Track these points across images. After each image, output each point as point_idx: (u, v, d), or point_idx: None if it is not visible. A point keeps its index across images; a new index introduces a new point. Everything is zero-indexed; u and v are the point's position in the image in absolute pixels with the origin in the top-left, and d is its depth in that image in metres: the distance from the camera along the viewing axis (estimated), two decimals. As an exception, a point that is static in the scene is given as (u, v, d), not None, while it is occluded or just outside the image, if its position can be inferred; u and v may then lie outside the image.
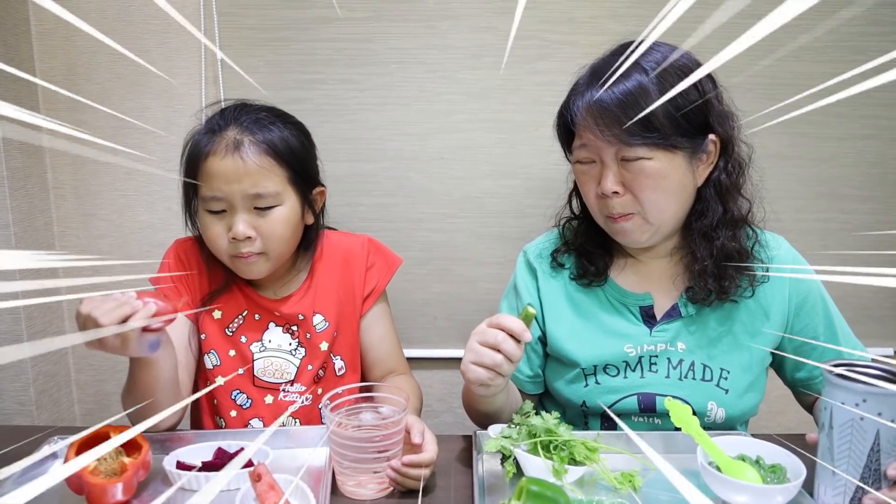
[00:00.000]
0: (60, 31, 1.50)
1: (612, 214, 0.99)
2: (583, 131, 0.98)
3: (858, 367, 0.78)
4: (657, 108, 0.92)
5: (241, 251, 1.07)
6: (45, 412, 1.59)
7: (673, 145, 0.94)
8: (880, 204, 1.60)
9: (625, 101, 0.92)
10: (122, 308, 0.86)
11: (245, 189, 1.04)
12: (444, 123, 1.54)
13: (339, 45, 1.50)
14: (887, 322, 1.67)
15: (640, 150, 0.93)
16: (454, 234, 1.60)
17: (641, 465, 0.91)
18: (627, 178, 0.96)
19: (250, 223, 1.06)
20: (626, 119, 0.91)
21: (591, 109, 0.95)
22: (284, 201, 1.08)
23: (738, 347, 1.04)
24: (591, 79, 0.98)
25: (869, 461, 0.74)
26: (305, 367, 1.18)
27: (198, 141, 1.08)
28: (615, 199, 0.97)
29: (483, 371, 0.87)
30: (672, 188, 0.96)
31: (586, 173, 1.01)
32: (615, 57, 0.98)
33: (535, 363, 1.14)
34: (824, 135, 1.57)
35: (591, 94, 0.95)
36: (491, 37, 1.50)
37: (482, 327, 0.88)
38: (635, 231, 1.00)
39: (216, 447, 0.93)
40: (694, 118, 0.95)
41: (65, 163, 1.58)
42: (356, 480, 0.87)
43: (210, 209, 1.07)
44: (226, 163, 1.04)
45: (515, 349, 0.86)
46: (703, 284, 1.01)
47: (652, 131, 0.92)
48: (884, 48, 1.51)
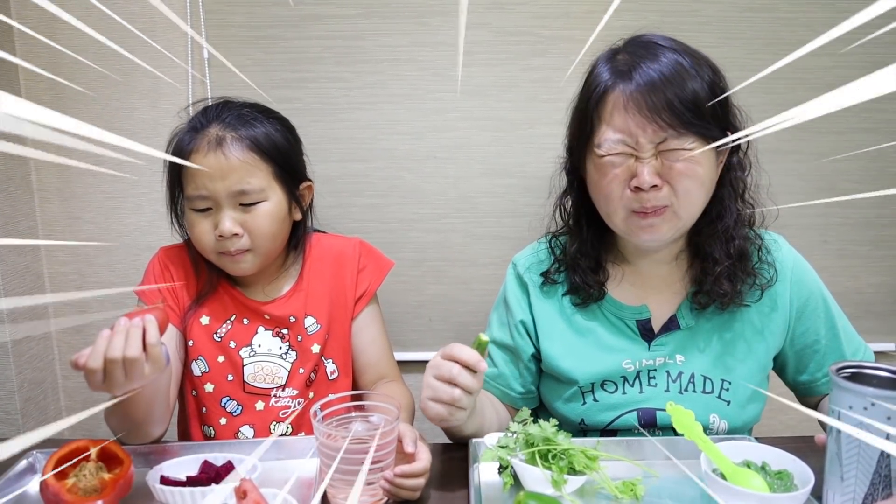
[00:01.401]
0: (43, 30, 1.47)
1: (643, 209, 0.92)
2: (619, 119, 0.90)
3: (865, 370, 0.76)
4: (703, 93, 0.87)
5: (227, 248, 1.06)
6: (31, 420, 1.56)
7: (713, 136, 0.89)
8: (880, 198, 1.58)
9: (673, 80, 0.87)
10: (133, 334, 0.82)
11: (229, 186, 1.03)
12: (437, 122, 1.51)
13: (328, 42, 1.47)
14: (888, 317, 1.66)
15: (687, 140, 0.88)
16: (448, 235, 1.57)
17: (644, 472, 0.88)
18: (666, 168, 0.90)
19: (236, 220, 1.05)
20: (679, 103, 0.86)
21: (637, 92, 0.88)
22: (270, 197, 1.08)
23: (739, 357, 1.02)
24: (625, 62, 0.91)
25: (879, 466, 0.71)
26: (297, 370, 1.15)
27: (181, 139, 1.07)
28: (652, 192, 0.90)
29: (441, 407, 0.84)
30: (706, 182, 0.93)
31: (616, 167, 0.92)
32: (637, 46, 0.94)
33: (527, 380, 1.11)
34: (824, 129, 1.55)
35: (636, 74, 0.88)
36: (484, 33, 1.47)
37: (437, 360, 0.86)
38: (664, 226, 0.93)
39: (202, 460, 0.90)
40: (721, 112, 0.92)
41: (49, 165, 1.54)
42: (347, 493, 0.84)
43: (195, 207, 1.06)
44: (209, 160, 1.03)
45: (472, 381, 0.83)
46: (718, 287, 0.98)
47: (700, 117, 0.88)
48: (883, 39, 1.49)
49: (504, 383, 1.11)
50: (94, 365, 0.81)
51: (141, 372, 0.83)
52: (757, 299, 1.01)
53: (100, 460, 0.83)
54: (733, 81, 1.47)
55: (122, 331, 0.82)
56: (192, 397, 1.16)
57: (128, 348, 0.81)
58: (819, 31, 1.28)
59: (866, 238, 1.61)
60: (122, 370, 0.81)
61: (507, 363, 1.11)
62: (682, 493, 0.85)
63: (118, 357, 0.80)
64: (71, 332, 1.63)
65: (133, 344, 0.81)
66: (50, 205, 1.57)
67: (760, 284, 1.00)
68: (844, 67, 1.51)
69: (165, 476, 0.87)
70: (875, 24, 1.25)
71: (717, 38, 1.50)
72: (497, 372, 1.11)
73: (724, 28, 1.49)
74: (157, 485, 0.84)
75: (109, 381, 0.82)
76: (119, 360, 0.81)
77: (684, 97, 0.87)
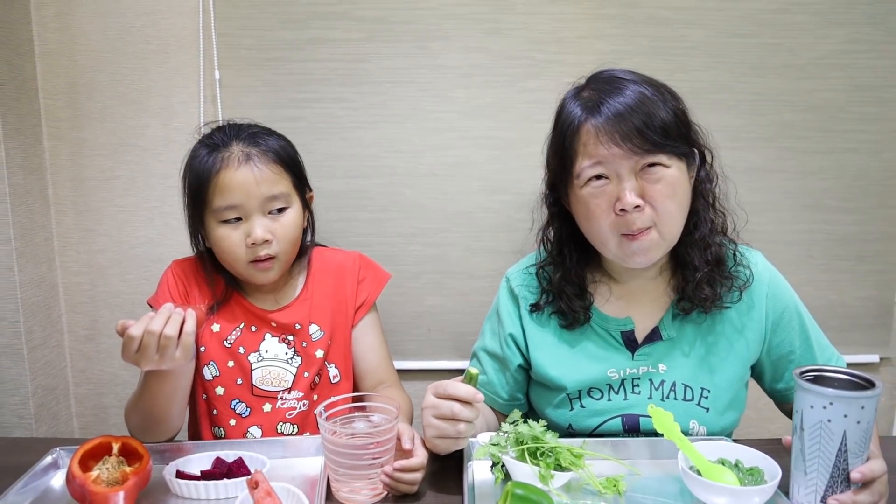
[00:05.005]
0: (63, 50, 1.54)
1: (630, 231, 0.97)
2: (594, 149, 0.96)
3: (827, 373, 0.82)
4: (667, 116, 0.95)
5: (259, 254, 1.14)
6: (43, 425, 1.61)
7: (683, 153, 0.98)
8: (863, 215, 1.64)
9: (638, 108, 0.94)
10: (175, 318, 0.93)
11: (262, 193, 1.13)
12: (437, 141, 1.58)
13: (333, 64, 1.55)
14: (872, 330, 1.70)
15: (661, 157, 0.95)
16: (447, 249, 1.63)
17: (627, 470, 0.94)
18: (646, 189, 0.96)
19: (266, 227, 1.14)
20: (644, 126, 0.94)
21: (608, 123, 0.95)
22: (293, 203, 1.18)
23: (718, 367, 1.08)
24: (591, 98, 0.99)
25: (837, 461, 0.78)
26: (302, 374, 1.22)
27: (202, 159, 1.14)
28: (636, 213, 0.96)
29: (449, 441, 0.91)
30: (683, 199, 1.00)
31: (599, 195, 0.98)
32: (600, 82, 1.01)
33: (513, 388, 1.17)
34: (809, 149, 1.61)
35: (604, 107, 0.96)
36: (482, 57, 1.54)
37: (433, 401, 0.91)
38: (652, 248, 0.99)
39: (214, 457, 0.96)
40: (687, 131, 1.00)
41: (65, 179, 1.61)
42: (350, 487, 0.90)
43: (224, 219, 1.14)
44: (241, 173, 1.12)
45: (471, 414, 0.89)
46: (699, 293, 1.04)
47: (669, 138, 0.95)
48: (861, 64, 1.56)
49: (492, 390, 1.17)
50: (134, 332, 0.91)
51: (172, 353, 0.93)
52: (736, 300, 1.07)
53: (121, 455, 0.89)
54: (720, 103, 1.55)
55: (166, 312, 0.94)
56: (203, 400, 1.22)
57: (167, 327, 0.92)
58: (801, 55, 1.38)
59: (851, 253, 1.66)
60: (156, 345, 0.91)
61: (496, 372, 1.17)
62: (662, 489, 0.91)
63: (156, 331, 0.91)
64: (83, 339, 1.69)
65: (172, 325, 0.92)
66: (65, 217, 1.63)
67: (738, 286, 1.06)
68: (828, 91, 1.58)
69: (181, 471, 0.93)
70: (855, 49, 1.34)
71: (705, 62, 1.56)
72: (486, 379, 1.18)
73: (711, 52, 1.56)
74: (174, 478, 0.90)
75: (142, 352, 0.92)
76: (156, 335, 0.91)
77: (651, 122, 0.94)
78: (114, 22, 1.54)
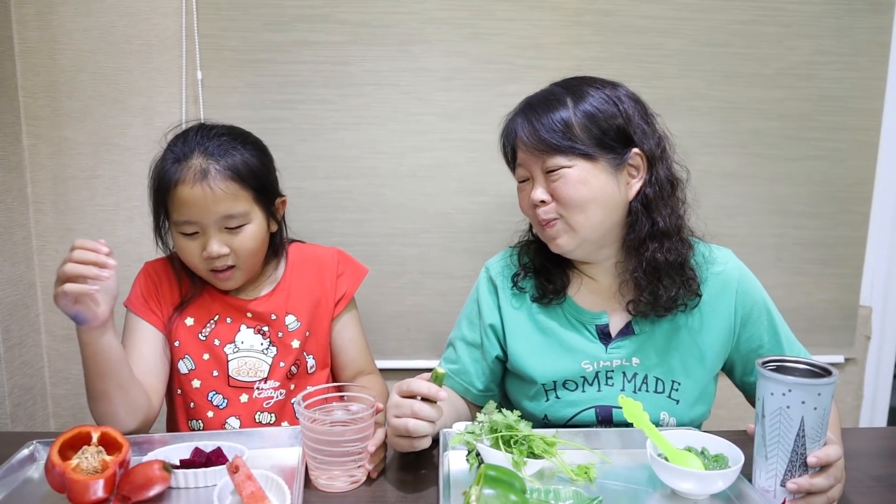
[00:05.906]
0: (43, 49, 1.55)
1: (541, 221, 1.07)
2: (517, 152, 1.11)
3: (788, 363, 0.86)
4: (575, 123, 1.03)
5: (216, 266, 1.15)
6: (20, 425, 1.60)
7: (590, 154, 1.03)
8: (828, 220, 1.70)
9: (546, 118, 1.04)
10: (92, 257, 0.94)
11: (218, 212, 1.12)
12: (417, 143, 1.61)
13: (316, 67, 1.57)
14: (838, 332, 1.76)
15: (560, 159, 1.03)
16: (427, 249, 1.66)
17: (599, 459, 0.97)
18: (553, 187, 1.05)
19: (223, 241, 1.14)
20: (546, 132, 1.03)
21: (521, 130, 1.07)
22: (252, 219, 1.16)
23: (688, 361, 1.11)
24: (520, 107, 1.11)
25: (796, 446, 0.81)
26: (277, 364, 1.24)
27: (165, 169, 1.14)
28: (542, 206, 1.06)
29: (406, 441, 0.92)
30: (593, 195, 1.04)
31: (523, 190, 1.11)
32: (546, 89, 1.11)
33: (488, 378, 1.20)
34: (777, 155, 1.67)
35: (519, 117, 1.09)
36: (462, 61, 1.58)
37: (396, 399, 0.93)
38: (561, 236, 1.07)
39: (193, 447, 0.97)
40: (614, 134, 1.04)
41: (45, 178, 1.61)
42: (329, 474, 0.92)
43: (183, 232, 1.14)
44: (195, 192, 1.10)
45: (431, 412, 0.91)
46: (639, 296, 1.08)
47: (568, 141, 1.02)
48: (827, 75, 1.62)
49: (467, 380, 1.19)
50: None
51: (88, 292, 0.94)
52: (696, 305, 1.10)
53: (101, 445, 0.90)
54: (694, 110, 1.60)
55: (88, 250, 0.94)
56: (178, 395, 1.23)
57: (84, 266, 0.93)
58: (771, 65, 1.43)
59: (816, 257, 1.72)
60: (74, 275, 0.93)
61: (474, 361, 1.19)
62: (631, 476, 0.94)
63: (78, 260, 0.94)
64: (61, 339, 1.68)
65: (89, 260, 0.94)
66: (45, 216, 1.63)
67: (694, 290, 1.09)
68: (796, 100, 1.64)
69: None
70: (821, 61, 1.40)
71: (679, 70, 1.61)
72: (462, 368, 1.19)
73: (685, 61, 1.61)
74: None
75: (59, 286, 0.93)
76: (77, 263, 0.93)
77: (550, 124, 1.03)
78: (96, 21, 1.54)
